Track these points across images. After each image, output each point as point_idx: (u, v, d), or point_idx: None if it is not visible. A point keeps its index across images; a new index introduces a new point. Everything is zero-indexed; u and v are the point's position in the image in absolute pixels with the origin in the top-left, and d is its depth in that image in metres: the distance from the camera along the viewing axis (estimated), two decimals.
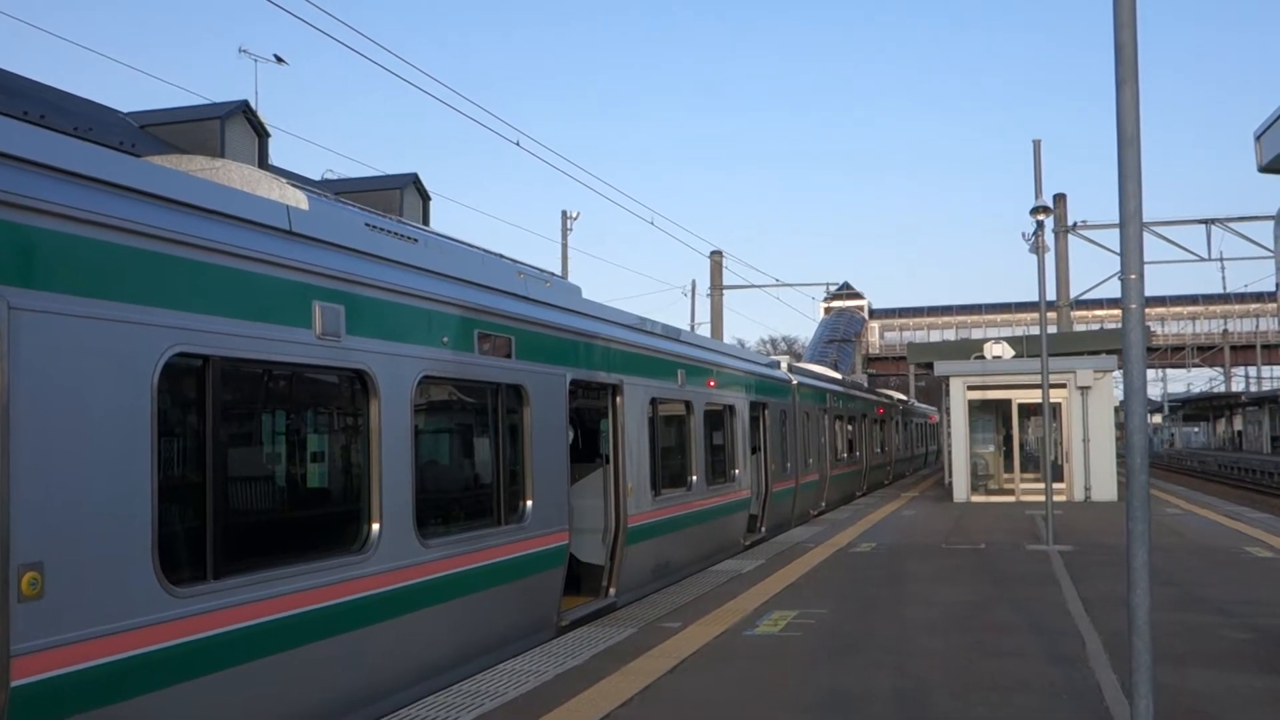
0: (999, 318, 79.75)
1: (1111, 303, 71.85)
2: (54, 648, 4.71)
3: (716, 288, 47.51)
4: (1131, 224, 5.17)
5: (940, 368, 25.73)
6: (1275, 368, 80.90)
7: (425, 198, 28.22)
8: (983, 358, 26.58)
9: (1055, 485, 19.54)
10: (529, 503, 9.19)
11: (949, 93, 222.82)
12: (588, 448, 13.25)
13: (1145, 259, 5.20)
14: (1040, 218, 16.70)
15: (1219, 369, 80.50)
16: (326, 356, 6.70)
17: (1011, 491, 24.39)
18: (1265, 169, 8.76)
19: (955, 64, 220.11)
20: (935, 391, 45.43)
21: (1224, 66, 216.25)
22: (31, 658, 4.60)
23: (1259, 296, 72.40)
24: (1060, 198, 41.82)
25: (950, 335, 79.81)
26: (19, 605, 4.58)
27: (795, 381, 21.56)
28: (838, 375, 31.54)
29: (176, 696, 5.36)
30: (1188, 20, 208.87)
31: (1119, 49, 5.19)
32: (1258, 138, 8.83)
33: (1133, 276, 5.12)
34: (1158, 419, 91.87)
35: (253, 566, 6.00)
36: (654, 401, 12.66)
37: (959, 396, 24.27)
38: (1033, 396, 23.21)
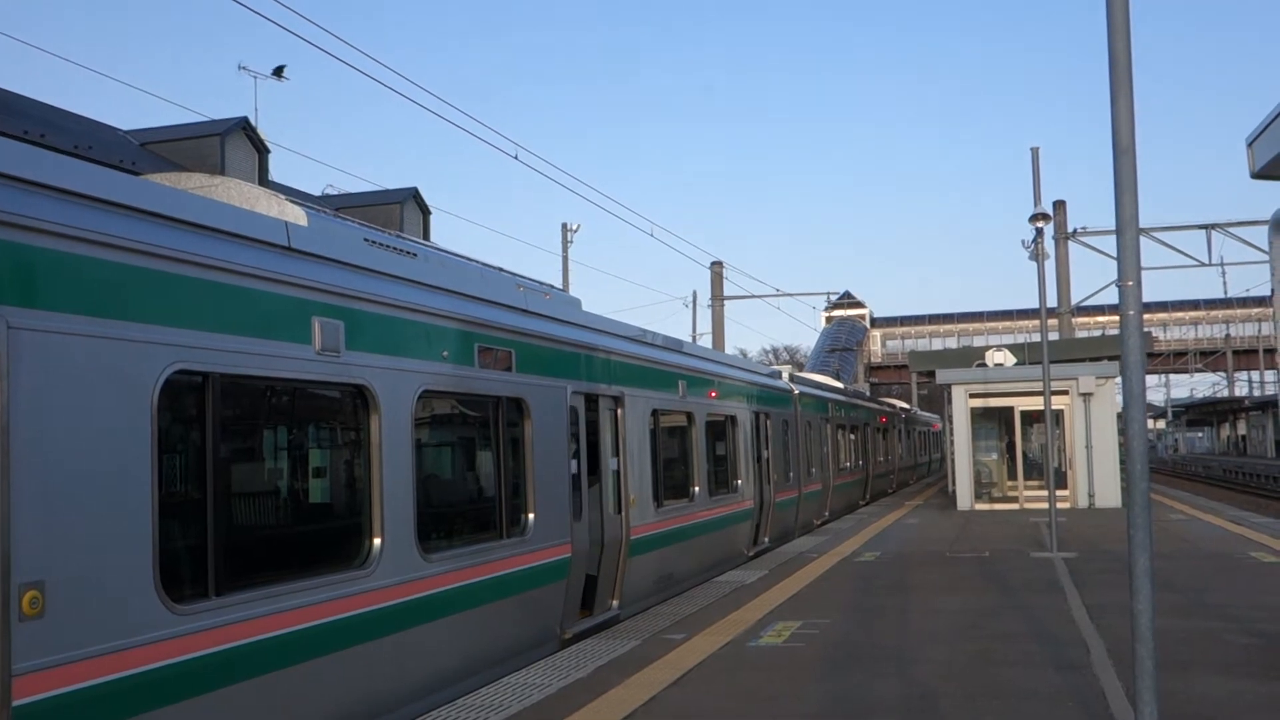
0: (1000, 325, 79.66)
1: (1113, 309, 71.28)
2: (55, 667, 4.71)
3: (717, 298, 47.55)
4: (1127, 231, 5.18)
5: (942, 376, 25.72)
6: (1278, 372, 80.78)
7: (425, 212, 28.24)
8: (985, 365, 26.57)
9: (1059, 492, 19.50)
10: (531, 516, 9.19)
11: (947, 101, 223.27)
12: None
13: (1146, 265, 5.22)
14: (1039, 225, 16.73)
15: (1222, 374, 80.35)
16: (326, 372, 6.71)
17: (1015, 499, 24.35)
18: (1258, 175, 8.79)
19: (954, 72, 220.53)
20: (937, 400, 45.39)
21: (1226, 70, 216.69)
22: (32, 677, 4.60)
23: (1260, 301, 72.32)
24: (1060, 204, 41.92)
25: (952, 343, 79.76)
26: (20, 624, 4.58)
27: (797, 391, 21.55)
28: (840, 384, 31.50)
29: (179, 714, 5.35)
30: (1188, 24, 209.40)
31: (1113, 57, 5.21)
32: (1250, 144, 8.86)
33: (1130, 283, 5.13)
34: (1161, 424, 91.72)
35: (254, 583, 5.99)
36: (656, 413, 12.65)
37: (961, 404, 24.25)
38: (1035, 404, 23.20)
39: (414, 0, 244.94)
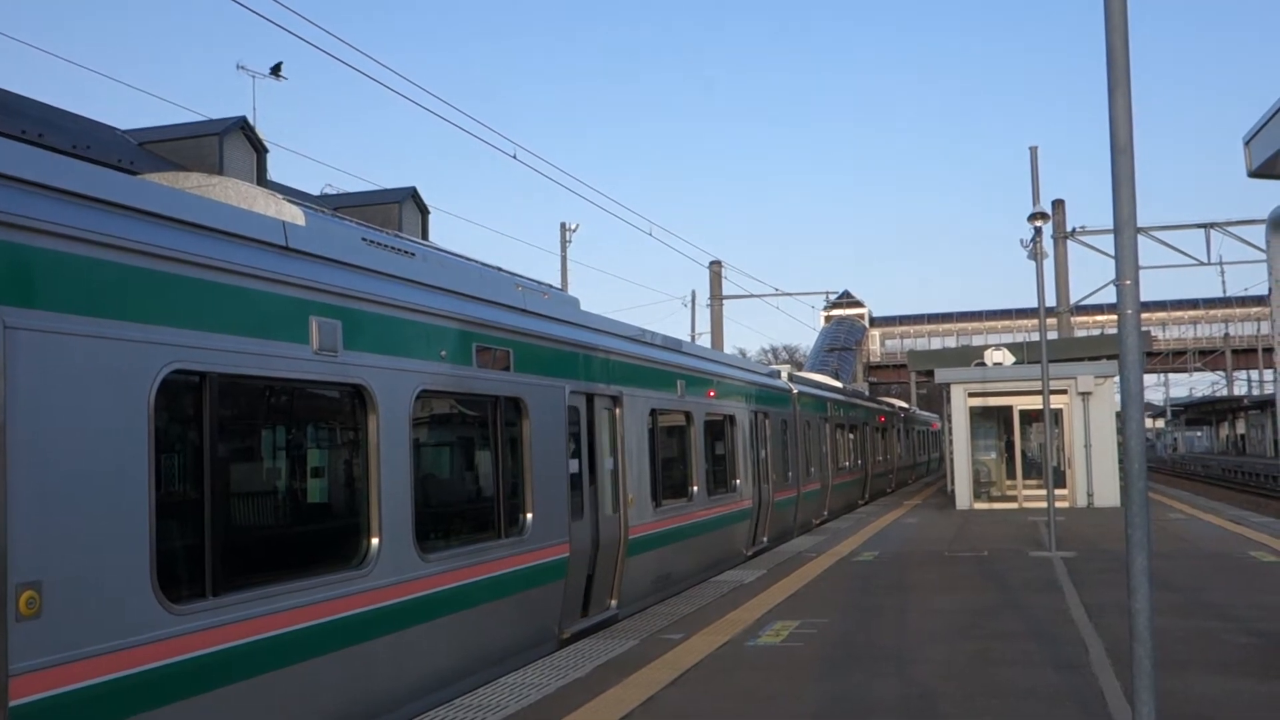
0: (1000, 324, 79.66)
1: (1112, 308, 71.40)
2: (52, 667, 4.70)
3: (716, 298, 47.58)
4: (1125, 230, 5.18)
5: (941, 375, 25.72)
6: (1277, 371, 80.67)
7: (424, 211, 28.25)
8: (983, 365, 26.58)
9: (1058, 491, 19.51)
10: (529, 515, 9.19)
11: (947, 101, 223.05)
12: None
13: (1144, 264, 5.22)
14: (1038, 224, 16.72)
15: (1221, 373, 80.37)
16: (324, 372, 6.70)
17: (1014, 498, 24.36)
18: (1255, 174, 8.77)
19: (954, 72, 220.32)
20: (936, 399, 45.40)
21: (1225, 70, 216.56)
22: (30, 677, 4.59)
23: (1259, 300, 72.27)
24: (1059, 204, 41.93)
25: (951, 342, 79.78)
26: (17, 624, 4.57)
27: (796, 390, 21.55)
28: (839, 384, 31.51)
29: (176, 715, 5.35)
30: (1188, 23, 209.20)
31: (1110, 55, 5.20)
32: (1246, 143, 8.84)
33: (1127, 282, 5.13)
34: (1160, 424, 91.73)
35: (252, 583, 5.99)
36: (654, 412, 12.65)
37: (960, 404, 24.26)
38: (1034, 403, 23.20)
39: (413, 0, 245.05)
